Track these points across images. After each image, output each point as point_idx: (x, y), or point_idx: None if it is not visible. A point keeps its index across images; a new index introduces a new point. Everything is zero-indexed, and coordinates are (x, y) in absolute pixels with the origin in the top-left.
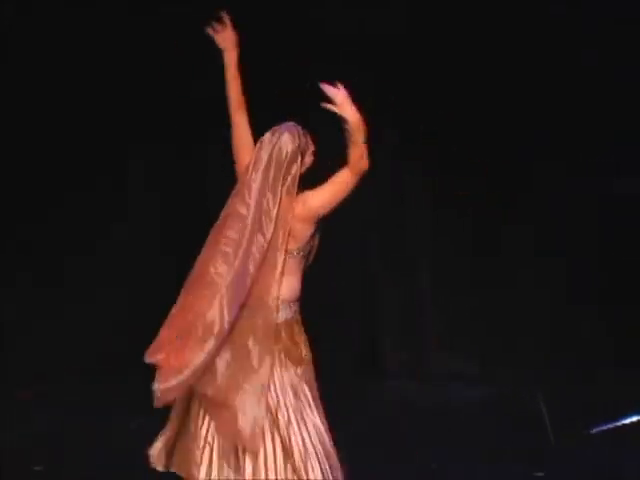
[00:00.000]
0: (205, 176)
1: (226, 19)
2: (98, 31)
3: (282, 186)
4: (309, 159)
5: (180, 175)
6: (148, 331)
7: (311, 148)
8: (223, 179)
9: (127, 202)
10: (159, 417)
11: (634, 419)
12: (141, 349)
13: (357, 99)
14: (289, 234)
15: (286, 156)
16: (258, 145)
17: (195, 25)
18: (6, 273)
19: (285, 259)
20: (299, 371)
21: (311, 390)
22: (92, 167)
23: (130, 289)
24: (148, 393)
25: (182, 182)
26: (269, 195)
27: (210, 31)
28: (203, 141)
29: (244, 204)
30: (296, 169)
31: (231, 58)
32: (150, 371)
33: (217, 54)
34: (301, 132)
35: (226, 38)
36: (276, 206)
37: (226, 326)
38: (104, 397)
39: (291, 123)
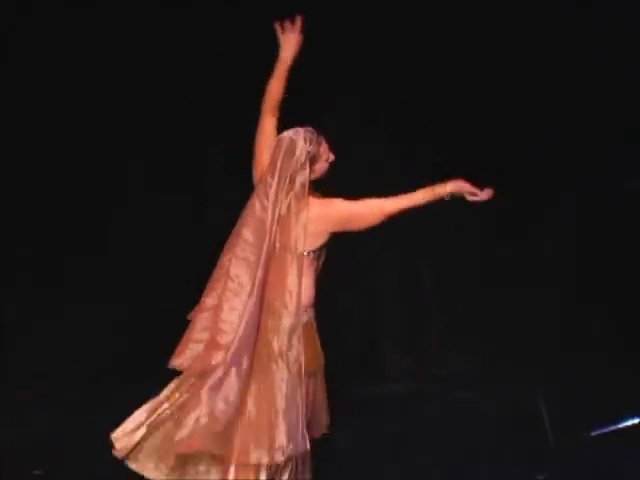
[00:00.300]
0: (205, 176)
1: (299, 23)
2: (98, 31)
3: (289, 191)
4: (321, 166)
5: (180, 175)
6: (148, 331)
7: (324, 156)
8: (223, 179)
9: (127, 202)
10: None
11: (634, 421)
12: (141, 349)
13: (367, 97)
14: (303, 238)
15: (296, 162)
16: (276, 143)
17: (195, 25)
18: (6, 273)
19: (300, 263)
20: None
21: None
22: (92, 167)
23: (130, 289)
24: (148, 394)
25: (182, 182)
26: (279, 199)
27: (278, 27)
28: (203, 141)
29: (263, 208)
30: (305, 175)
31: (285, 61)
32: (150, 371)
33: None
34: (316, 139)
35: (290, 40)
36: (278, 209)
37: (251, 332)
38: (104, 397)
39: (309, 128)
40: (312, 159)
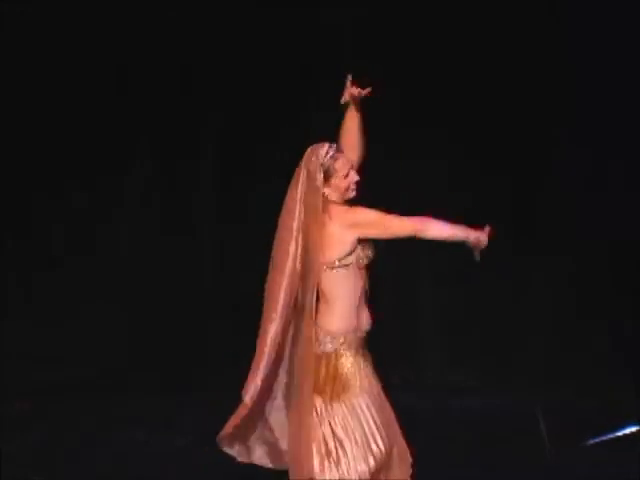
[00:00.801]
0: (205, 178)
1: (362, 93)
2: (99, 32)
3: (310, 204)
4: (339, 183)
5: (180, 177)
6: (148, 341)
7: (340, 172)
8: (220, 182)
9: (127, 202)
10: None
11: (631, 430)
12: (141, 360)
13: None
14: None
15: (312, 175)
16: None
17: (194, 26)
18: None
19: (315, 281)
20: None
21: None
22: (92, 167)
23: (131, 298)
24: (147, 405)
25: (182, 184)
26: (297, 214)
27: (349, 83)
28: (203, 141)
29: (286, 226)
30: (319, 188)
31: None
32: (151, 381)
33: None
34: (332, 154)
35: (349, 94)
36: (297, 226)
37: (271, 358)
38: (104, 409)
39: (332, 144)
40: (327, 173)
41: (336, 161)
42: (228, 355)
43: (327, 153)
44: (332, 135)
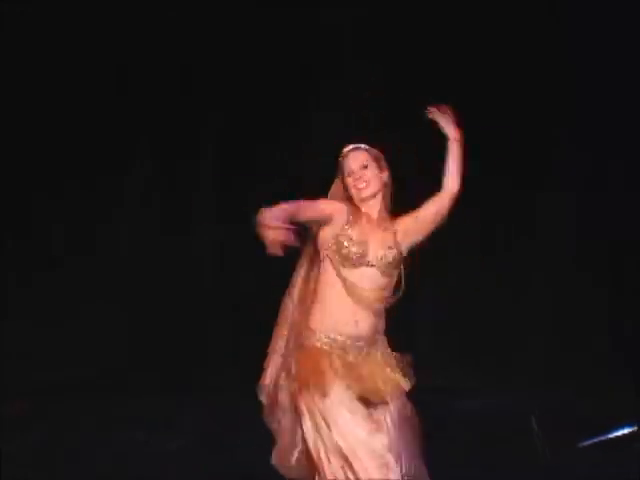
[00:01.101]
0: (205, 178)
1: (443, 110)
2: (99, 32)
3: None
4: (347, 181)
5: (180, 177)
6: (148, 341)
7: (344, 171)
8: (220, 182)
9: (127, 202)
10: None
11: (625, 431)
12: (141, 360)
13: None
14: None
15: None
16: None
17: (194, 26)
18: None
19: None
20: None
21: None
22: (92, 167)
23: (131, 299)
24: (147, 405)
25: (182, 184)
26: None
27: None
28: (203, 141)
29: None
30: (332, 192)
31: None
32: (151, 381)
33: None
34: (345, 152)
35: (441, 121)
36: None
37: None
38: (104, 409)
39: (358, 144)
40: (340, 171)
41: (342, 160)
42: (228, 355)
43: (342, 157)
44: (332, 135)
